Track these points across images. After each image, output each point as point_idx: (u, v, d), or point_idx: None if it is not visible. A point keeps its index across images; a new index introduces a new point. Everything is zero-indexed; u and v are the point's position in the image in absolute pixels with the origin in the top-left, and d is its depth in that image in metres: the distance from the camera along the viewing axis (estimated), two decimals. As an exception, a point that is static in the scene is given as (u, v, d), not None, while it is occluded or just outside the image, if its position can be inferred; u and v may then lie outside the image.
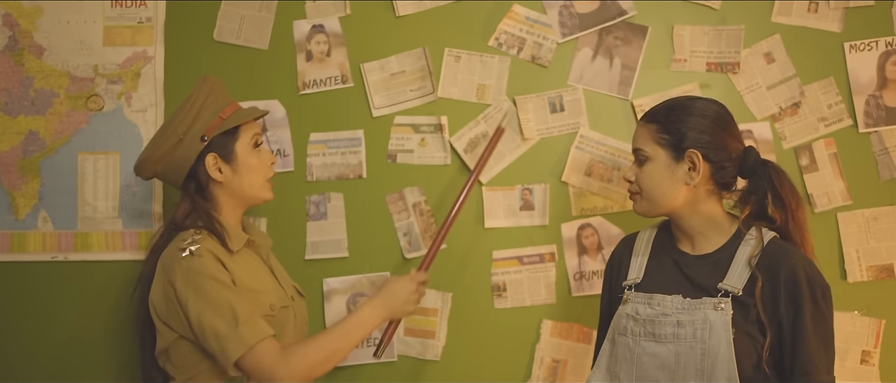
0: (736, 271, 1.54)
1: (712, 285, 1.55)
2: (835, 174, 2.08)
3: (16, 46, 2.16)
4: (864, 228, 2.07)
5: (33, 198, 2.14)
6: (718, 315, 1.51)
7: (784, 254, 1.54)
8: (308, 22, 2.15)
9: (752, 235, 1.57)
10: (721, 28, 2.11)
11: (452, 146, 2.12)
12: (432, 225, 2.12)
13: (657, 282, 1.64)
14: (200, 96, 1.71)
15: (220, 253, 1.65)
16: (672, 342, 1.54)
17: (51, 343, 2.14)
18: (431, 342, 2.11)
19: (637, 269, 1.69)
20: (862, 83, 2.09)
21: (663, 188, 1.60)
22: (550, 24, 2.13)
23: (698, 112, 1.60)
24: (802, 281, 1.50)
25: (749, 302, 1.51)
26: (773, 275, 1.51)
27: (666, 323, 1.55)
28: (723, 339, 1.49)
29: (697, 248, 1.63)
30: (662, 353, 1.54)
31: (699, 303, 1.54)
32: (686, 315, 1.54)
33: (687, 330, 1.52)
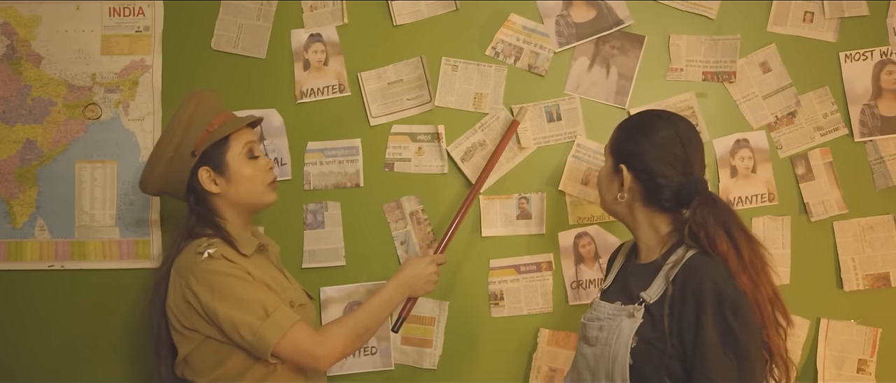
0: (657, 282, 1.55)
1: (638, 294, 1.57)
2: (831, 183, 2.09)
3: (14, 55, 2.16)
4: (859, 237, 2.07)
5: (30, 206, 2.14)
6: (629, 322, 1.54)
7: (697, 268, 1.50)
8: (306, 31, 2.16)
9: (681, 249, 1.55)
10: (717, 37, 2.12)
11: (449, 155, 2.13)
12: (430, 233, 2.12)
13: (614, 289, 1.69)
14: (187, 112, 1.74)
15: (235, 256, 1.69)
16: (595, 345, 1.59)
17: (48, 351, 2.14)
18: (428, 350, 2.11)
19: (610, 277, 1.75)
20: (857, 92, 2.10)
21: (603, 192, 1.70)
22: (547, 34, 2.14)
23: (649, 133, 1.60)
24: (708, 293, 1.46)
25: (657, 312, 1.51)
26: (682, 287, 1.50)
27: (593, 327, 1.61)
28: (622, 345, 1.52)
29: (642, 257, 1.66)
30: (589, 354, 1.61)
31: (621, 310, 1.58)
32: (608, 321, 1.59)
33: (604, 334, 1.58)
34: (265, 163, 1.79)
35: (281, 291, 1.71)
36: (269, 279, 1.71)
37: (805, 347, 2.05)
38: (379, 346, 2.11)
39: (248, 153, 1.76)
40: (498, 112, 2.13)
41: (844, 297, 2.06)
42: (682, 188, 1.57)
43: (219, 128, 1.75)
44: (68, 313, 2.13)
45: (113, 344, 2.13)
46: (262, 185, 1.77)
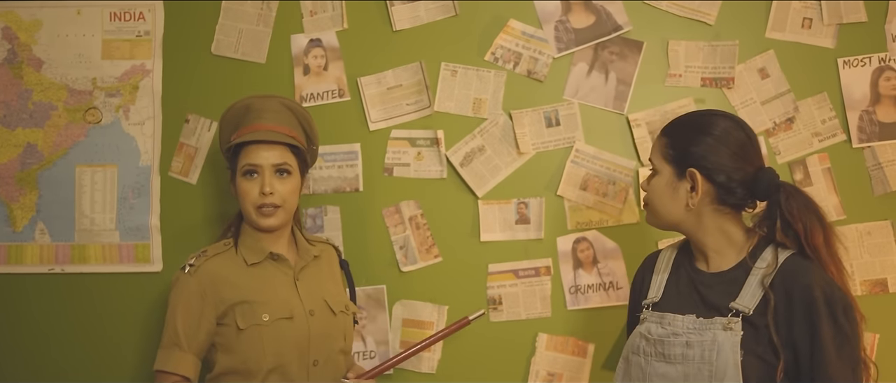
0: (749, 290, 1.48)
1: (725, 304, 1.49)
2: (829, 189, 2.09)
3: (15, 59, 2.17)
4: (858, 243, 2.08)
5: (31, 210, 2.15)
6: (727, 335, 1.45)
7: (800, 272, 1.46)
8: (305, 36, 2.16)
9: (768, 253, 1.51)
10: (716, 43, 2.13)
11: (449, 160, 2.13)
12: (429, 238, 2.13)
13: (674, 300, 1.59)
14: (227, 114, 1.87)
15: (230, 267, 1.78)
16: (681, 363, 1.49)
17: (47, 354, 2.14)
18: (427, 355, 2.11)
19: (656, 288, 1.64)
20: (855, 99, 2.10)
21: (665, 203, 1.58)
22: (546, 39, 2.15)
23: (710, 130, 1.55)
24: (819, 299, 1.41)
25: (761, 322, 1.45)
26: (787, 294, 1.44)
27: (676, 343, 1.51)
28: (730, 361, 1.44)
29: (712, 266, 1.57)
30: (672, 374, 1.50)
31: (710, 323, 1.49)
32: (696, 335, 1.49)
33: (696, 351, 1.48)
34: (256, 187, 1.77)
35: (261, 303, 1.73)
36: (257, 290, 1.75)
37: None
38: (378, 351, 2.12)
39: (245, 171, 1.78)
40: (497, 117, 2.14)
41: (842, 303, 2.07)
42: (758, 181, 1.53)
43: (237, 138, 1.80)
44: (68, 316, 2.14)
45: (113, 347, 2.13)
46: (252, 207, 1.78)
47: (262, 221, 1.77)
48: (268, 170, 1.77)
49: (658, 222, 1.62)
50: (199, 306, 1.74)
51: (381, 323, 2.11)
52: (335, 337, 1.81)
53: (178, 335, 1.73)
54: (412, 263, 2.13)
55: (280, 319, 1.73)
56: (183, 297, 1.74)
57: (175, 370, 1.72)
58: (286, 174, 1.79)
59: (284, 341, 1.73)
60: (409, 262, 2.13)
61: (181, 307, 1.74)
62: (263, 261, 1.80)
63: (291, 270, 1.81)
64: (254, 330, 1.72)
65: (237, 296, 1.74)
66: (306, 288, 1.81)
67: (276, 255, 1.80)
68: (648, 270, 1.71)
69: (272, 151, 1.78)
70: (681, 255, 1.67)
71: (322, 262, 1.90)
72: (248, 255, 1.79)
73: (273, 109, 1.84)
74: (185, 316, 1.73)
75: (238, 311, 1.73)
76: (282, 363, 1.73)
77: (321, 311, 1.80)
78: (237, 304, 1.73)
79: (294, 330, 1.75)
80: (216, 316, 1.74)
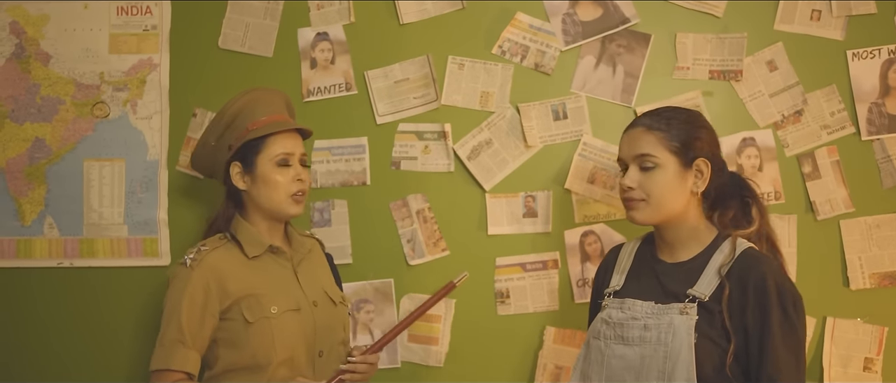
0: (706, 278, 1.58)
1: (682, 291, 1.58)
2: (837, 181, 2.09)
3: (22, 54, 2.17)
4: (866, 236, 2.07)
5: (39, 204, 2.16)
6: (683, 319, 1.55)
7: (755, 262, 1.57)
8: (312, 30, 2.16)
9: (726, 245, 1.61)
10: (724, 36, 2.12)
11: (456, 153, 2.13)
12: (436, 231, 2.13)
13: (634, 289, 1.67)
14: (234, 106, 1.82)
15: (230, 261, 1.75)
16: (638, 345, 1.58)
17: (56, 348, 2.15)
18: (435, 348, 2.11)
19: (618, 277, 1.73)
20: (864, 91, 2.09)
21: (673, 195, 1.62)
22: (554, 32, 2.14)
23: (698, 122, 1.67)
24: (772, 289, 1.52)
25: (715, 308, 1.54)
26: (742, 282, 1.54)
27: (634, 326, 1.59)
28: (685, 343, 1.53)
29: (675, 256, 1.67)
30: (629, 355, 1.59)
31: (667, 308, 1.58)
32: (653, 319, 1.58)
33: (652, 334, 1.56)
34: (294, 173, 1.79)
35: (266, 296, 1.72)
36: (260, 284, 1.74)
37: (811, 345, 2.05)
38: (385, 344, 2.12)
39: (280, 160, 1.78)
40: (504, 110, 2.14)
41: (851, 296, 2.06)
42: (725, 172, 1.69)
43: (260, 128, 1.79)
44: (77, 310, 2.15)
45: (121, 340, 2.14)
46: (285, 195, 1.78)
47: (293, 209, 1.80)
48: (297, 159, 1.81)
49: (655, 216, 1.65)
50: (203, 300, 1.70)
51: (388, 316, 2.12)
52: (337, 328, 1.83)
53: (182, 331, 1.68)
54: (419, 257, 2.13)
55: (288, 311, 1.74)
56: (187, 292, 1.69)
57: (181, 367, 1.68)
58: (306, 165, 1.84)
59: (293, 333, 1.74)
60: (417, 256, 2.13)
61: (186, 302, 1.69)
62: (263, 255, 1.79)
63: (289, 263, 1.82)
64: (263, 323, 1.71)
65: (242, 290, 1.72)
66: (307, 280, 1.82)
67: (275, 248, 1.80)
68: (611, 263, 1.80)
69: (298, 141, 1.83)
70: (643, 248, 1.76)
71: (314, 255, 1.92)
72: (249, 249, 1.78)
73: (282, 101, 1.89)
74: (188, 311, 1.69)
75: (245, 305, 1.71)
76: (291, 355, 1.73)
77: (323, 302, 1.82)
78: (243, 298, 1.72)
79: (301, 322, 1.75)
80: (220, 310, 1.72)
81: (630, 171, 1.65)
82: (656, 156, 1.62)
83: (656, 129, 1.64)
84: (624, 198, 1.68)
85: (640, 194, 1.64)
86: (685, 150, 1.62)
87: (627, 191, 1.66)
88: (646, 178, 1.63)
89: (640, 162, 1.64)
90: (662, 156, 1.62)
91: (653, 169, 1.62)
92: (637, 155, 1.64)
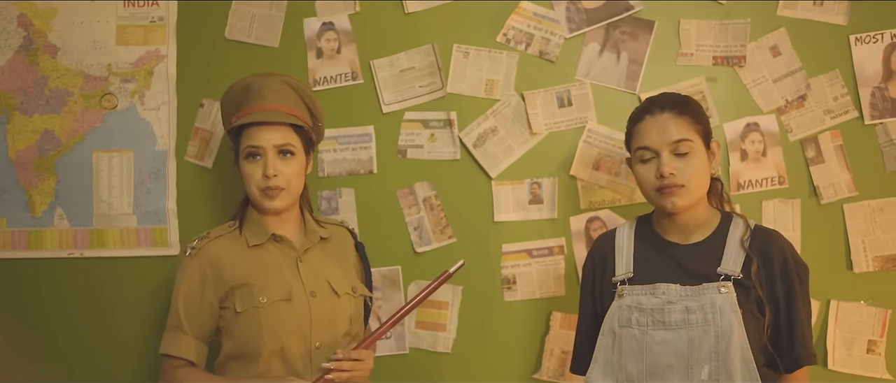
0: (730, 256, 1.62)
1: (711, 271, 1.61)
2: (841, 165, 2.10)
3: (30, 46, 2.18)
4: (870, 219, 2.09)
5: (49, 195, 2.18)
6: (724, 297, 1.58)
7: (773, 237, 1.66)
8: (318, 19, 2.17)
9: (739, 221, 1.67)
10: (727, 22, 2.13)
11: (462, 141, 2.15)
12: (443, 219, 2.15)
13: (649, 274, 1.67)
14: (225, 96, 1.84)
15: (230, 249, 1.77)
16: (683, 328, 1.58)
17: (67, 338, 2.17)
18: (442, 334, 2.13)
19: (625, 265, 1.71)
20: (867, 75, 2.11)
21: (705, 177, 1.67)
22: (558, 20, 2.15)
23: (700, 105, 1.73)
24: (792, 262, 1.62)
25: (748, 283, 1.60)
26: (766, 256, 1.61)
27: (674, 310, 1.59)
28: (734, 320, 1.56)
29: (689, 238, 1.68)
30: (673, 340, 1.58)
31: (701, 289, 1.60)
32: (692, 301, 1.59)
33: (697, 316, 1.58)
34: (259, 169, 1.74)
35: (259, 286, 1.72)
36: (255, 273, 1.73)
37: (815, 328, 2.06)
38: (393, 331, 2.14)
39: (247, 153, 1.75)
40: (509, 98, 2.15)
41: (854, 279, 2.08)
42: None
43: (238, 119, 1.77)
44: (87, 300, 2.17)
45: (132, 330, 2.16)
46: (256, 189, 1.76)
47: (267, 203, 1.75)
48: (271, 152, 1.73)
49: (692, 201, 1.65)
50: (199, 288, 1.73)
51: (396, 303, 2.13)
52: (339, 321, 1.78)
53: (180, 318, 1.73)
54: (426, 244, 2.15)
55: (278, 301, 1.72)
56: (185, 280, 1.74)
57: (178, 353, 1.72)
58: (289, 155, 1.76)
59: (283, 323, 1.71)
60: (424, 243, 2.15)
61: (183, 289, 1.74)
62: (266, 243, 1.78)
63: (294, 251, 1.79)
64: (252, 313, 1.71)
65: (237, 279, 1.73)
66: (309, 269, 1.79)
67: (278, 237, 1.78)
68: (609, 250, 1.77)
69: (274, 132, 1.75)
70: (641, 232, 1.75)
71: (331, 245, 1.87)
72: (251, 237, 1.78)
73: (273, 88, 1.79)
74: (186, 298, 1.73)
75: (237, 294, 1.72)
76: (281, 346, 1.71)
77: (323, 293, 1.77)
78: (237, 287, 1.73)
79: (293, 313, 1.73)
80: (218, 298, 1.74)
81: (665, 158, 1.63)
82: (692, 140, 1.64)
83: (684, 114, 1.66)
84: (662, 185, 1.63)
85: (681, 179, 1.62)
86: (706, 133, 1.68)
87: (668, 178, 1.62)
88: (682, 163, 1.63)
89: (676, 147, 1.64)
90: (695, 140, 1.65)
91: (688, 153, 1.64)
92: (673, 141, 1.64)
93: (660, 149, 1.64)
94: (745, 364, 1.55)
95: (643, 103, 1.76)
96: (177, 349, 1.73)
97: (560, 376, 2.11)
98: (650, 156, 1.66)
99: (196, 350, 1.74)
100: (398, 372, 2.14)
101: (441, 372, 2.14)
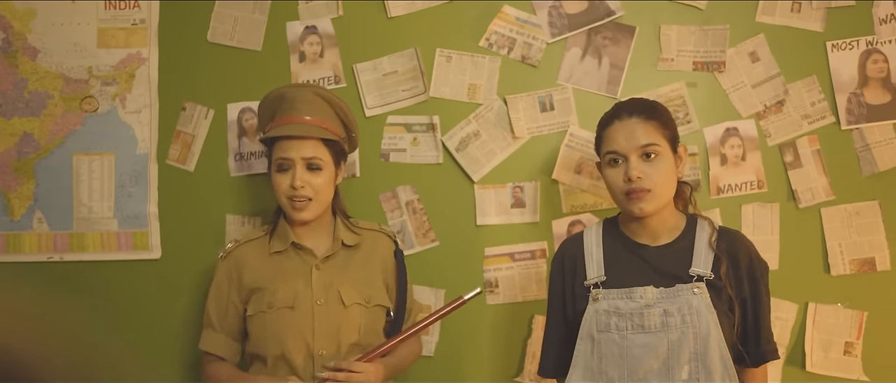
0: (700, 257, 1.65)
1: (682, 272, 1.64)
2: (818, 170, 2.13)
3: (9, 48, 2.17)
4: (846, 223, 2.12)
5: (28, 198, 2.16)
6: (699, 298, 1.60)
7: (737, 237, 1.71)
8: (301, 23, 2.17)
9: (704, 223, 1.70)
10: (707, 28, 2.15)
11: (444, 145, 2.15)
12: (426, 222, 2.15)
13: (622, 276, 1.68)
14: (261, 104, 1.92)
15: (255, 255, 1.86)
16: (662, 331, 1.59)
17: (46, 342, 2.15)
18: (425, 338, 2.13)
19: (596, 268, 1.71)
20: (844, 81, 2.14)
21: (671, 181, 1.69)
22: (540, 25, 2.17)
23: (667, 110, 1.75)
24: (756, 262, 1.68)
25: (719, 284, 1.63)
26: (733, 257, 1.65)
27: (653, 313, 1.61)
28: (710, 321, 1.59)
29: (657, 240, 1.71)
30: (653, 343, 1.60)
31: (676, 291, 1.62)
32: (669, 303, 1.61)
33: (675, 318, 1.59)
34: (286, 180, 1.79)
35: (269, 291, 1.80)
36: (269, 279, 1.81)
37: (793, 331, 2.09)
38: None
39: (277, 165, 1.81)
40: (492, 102, 2.16)
41: (831, 282, 2.11)
42: None
43: (271, 130, 1.83)
44: (67, 304, 2.14)
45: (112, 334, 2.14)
46: (285, 199, 1.82)
47: (295, 214, 1.81)
48: (299, 164, 1.78)
49: (659, 205, 1.67)
50: (226, 289, 1.86)
51: (379, 307, 2.13)
52: (345, 331, 1.79)
53: (210, 316, 1.87)
54: (409, 247, 2.15)
55: (282, 308, 1.78)
56: (215, 281, 1.88)
57: (210, 349, 1.86)
58: (317, 169, 1.80)
59: (286, 330, 1.77)
60: (407, 247, 2.15)
61: (213, 289, 1.88)
62: (287, 250, 1.84)
63: (314, 259, 1.83)
64: (260, 317, 1.80)
65: (254, 283, 1.83)
66: (323, 278, 1.81)
67: (298, 245, 1.83)
68: (578, 254, 1.76)
69: (304, 145, 1.79)
70: (609, 234, 1.76)
71: (360, 252, 1.88)
72: (275, 243, 1.86)
73: (306, 99, 1.83)
74: (215, 298, 1.87)
75: (253, 298, 1.82)
76: (284, 352, 1.76)
77: (331, 303, 1.79)
78: (254, 291, 1.82)
79: (296, 320, 1.77)
80: (241, 300, 1.85)
81: (633, 162, 1.64)
82: (658, 144, 1.66)
83: (652, 118, 1.68)
84: (629, 189, 1.64)
85: (648, 184, 1.64)
86: (673, 137, 1.70)
87: (636, 182, 1.63)
88: (650, 168, 1.65)
89: (644, 151, 1.65)
90: (663, 146, 1.67)
91: (655, 158, 1.65)
92: (641, 145, 1.65)
93: (628, 154, 1.66)
94: (723, 362, 1.59)
95: (612, 108, 1.77)
96: (210, 345, 1.87)
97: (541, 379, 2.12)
98: (619, 161, 1.68)
99: (225, 345, 1.87)
100: (381, 376, 2.14)
101: (424, 376, 2.14)
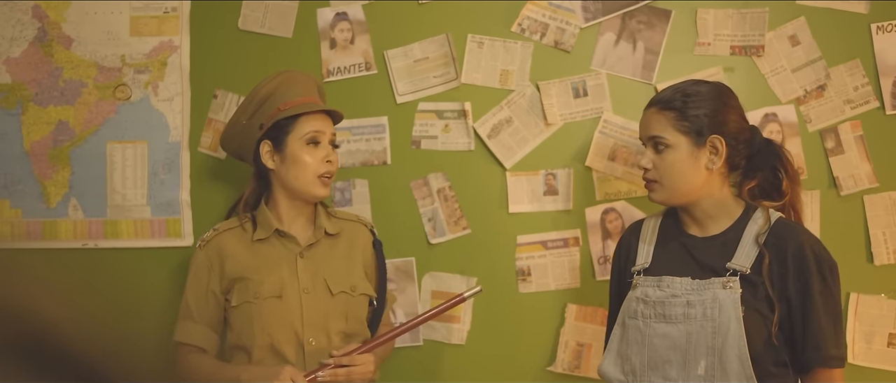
0: (743, 250, 1.59)
1: (721, 265, 1.59)
2: (861, 156, 2.07)
3: (45, 38, 2.19)
4: (891, 211, 2.06)
5: (64, 186, 2.18)
6: (727, 294, 1.55)
7: (792, 231, 1.59)
8: (332, 10, 2.16)
9: (759, 215, 1.62)
10: (745, 11, 2.10)
11: (476, 132, 2.13)
12: (457, 210, 2.13)
13: (665, 265, 1.66)
14: (267, 86, 1.84)
15: (236, 243, 1.82)
16: (683, 322, 1.57)
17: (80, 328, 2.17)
18: (457, 326, 2.12)
19: (645, 255, 1.71)
20: (889, 64, 2.07)
21: (686, 176, 1.62)
22: (573, 9, 2.13)
23: (712, 96, 1.65)
24: (810, 257, 1.54)
25: (757, 280, 1.55)
26: (780, 252, 1.56)
27: (676, 304, 1.58)
28: (733, 317, 1.53)
29: (706, 231, 1.66)
30: (673, 333, 1.57)
31: (708, 283, 1.58)
32: (695, 295, 1.57)
33: (697, 310, 1.56)
34: (323, 154, 1.80)
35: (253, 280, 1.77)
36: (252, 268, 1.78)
37: (834, 321, 2.04)
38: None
39: (310, 138, 1.79)
40: (524, 88, 2.13)
41: (875, 272, 2.05)
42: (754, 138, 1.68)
43: (292, 108, 1.80)
44: (101, 291, 2.17)
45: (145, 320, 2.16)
46: (313, 175, 1.79)
47: (320, 191, 1.81)
48: (328, 140, 1.82)
49: (671, 197, 1.66)
50: (206, 279, 1.82)
51: (410, 295, 2.13)
52: (333, 319, 1.79)
53: (189, 307, 1.82)
54: (441, 235, 2.13)
55: (269, 297, 1.76)
56: (193, 270, 1.84)
57: (188, 340, 1.81)
58: (337, 147, 1.86)
59: (273, 319, 1.75)
60: (438, 235, 2.13)
61: (191, 279, 1.83)
62: (270, 238, 1.82)
63: (297, 247, 1.82)
64: (245, 307, 1.77)
65: (237, 272, 1.80)
66: (309, 266, 1.81)
67: (282, 232, 1.81)
68: (634, 239, 1.78)
69: (329, 123, 1.85)
70: (666, 223, 1.74)
71: (340, 240, 1.88)
72: (258, 231, 1.82)
73: (314, 85, 1.91)
74: (194, 288, 1.82)
75: (235, 288, 1.79)
76: (272, 341, 1.75)
77: (317, 291, 1.79)
78: (237, 280, 1.79)
79: (283, 309, 1.76)
80: (221, 289, 1.82)
81: (647, 152, 1.67)
82: (667, 137, 1.63)
83: (670, 109, 1.64)
84: (643, 178, 1.70)
85: (654, 175, 1.65)
86: (697, 129, 1.62)
87: (645, 173, 1.68)
88: (659, 160, 1.65)
89: (654, 143, 1.65)
90: (673, 138, 1.63)
91: (665, 150, 1.63)
92: (650, 136, 1.66)
93: (645, 143, 1.69)
94: (740, 361, 1.51)
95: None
96: (187, 336, 1.82)
97: (575, 368, 2.10)
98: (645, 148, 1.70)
99: (203, 336, 1.82)
100: (412, 364, 2.13)
101: (455, 364, 2.13)
